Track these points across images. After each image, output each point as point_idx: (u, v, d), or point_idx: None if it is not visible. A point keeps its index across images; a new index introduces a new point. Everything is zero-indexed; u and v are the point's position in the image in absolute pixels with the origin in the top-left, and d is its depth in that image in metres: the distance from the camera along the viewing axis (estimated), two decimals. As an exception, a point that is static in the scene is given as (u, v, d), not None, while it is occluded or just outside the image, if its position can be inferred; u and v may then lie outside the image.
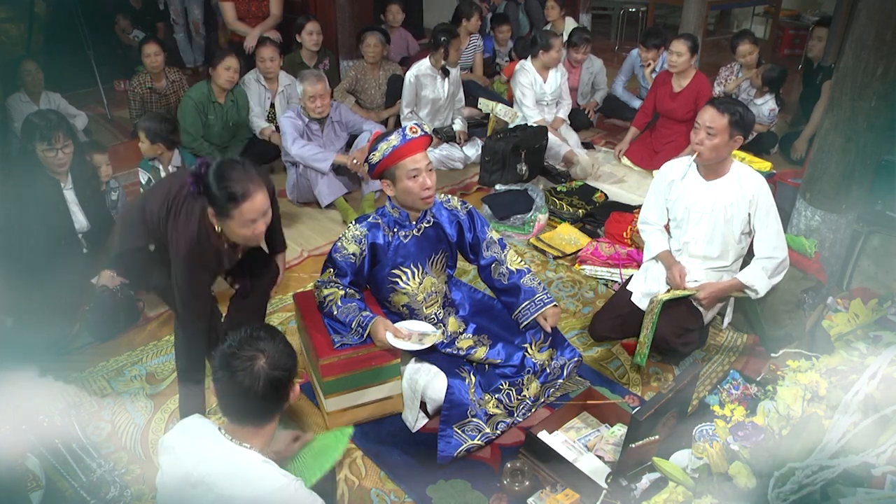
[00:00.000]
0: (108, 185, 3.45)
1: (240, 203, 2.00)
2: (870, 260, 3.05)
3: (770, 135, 4.76)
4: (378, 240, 2.44)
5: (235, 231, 2.09)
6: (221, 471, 1.58)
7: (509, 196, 4.03)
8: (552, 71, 4.72)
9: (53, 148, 2.93)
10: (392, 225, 2.46)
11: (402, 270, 2.50)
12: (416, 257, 2.50)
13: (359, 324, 2.35)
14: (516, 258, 2.64)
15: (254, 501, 1.53)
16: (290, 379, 1.66)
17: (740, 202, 2.67)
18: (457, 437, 2.31)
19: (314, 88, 3.85)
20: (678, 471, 1.99)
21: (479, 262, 2.64)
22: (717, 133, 2.58)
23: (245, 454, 1.60)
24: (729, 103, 2.62)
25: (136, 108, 4.60)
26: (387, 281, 2.51)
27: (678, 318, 2.71)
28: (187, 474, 1.59)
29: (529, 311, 2.54)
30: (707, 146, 2.61)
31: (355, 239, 2.43)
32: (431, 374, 2.41)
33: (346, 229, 2.48)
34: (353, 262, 2.44)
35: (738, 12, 8.42)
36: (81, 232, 3.12)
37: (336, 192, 3.98)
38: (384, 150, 2.33)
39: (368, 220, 2.47)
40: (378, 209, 2.52)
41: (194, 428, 1.67)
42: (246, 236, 2.12)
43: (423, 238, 2.50)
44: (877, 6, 2.54)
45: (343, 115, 4.13)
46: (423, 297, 2.55)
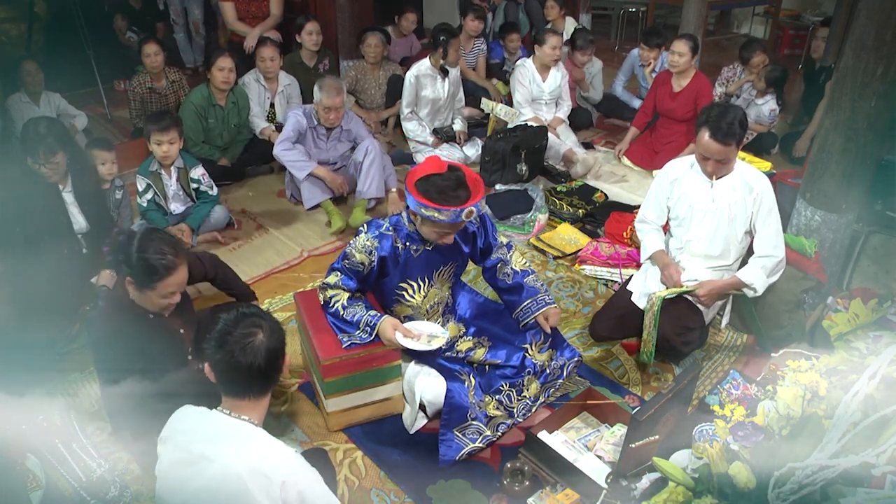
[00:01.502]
0: (113, 184, 3.46)
1: (163, 277, 2.09)
2: (870, 260, 3.05)
3: (770, 135, 4.76)
4: (388, 252, 2.37)
5: (153, 301, 2.16)
6: (222, 442, 1.60)
7: (509, 196, 4.03)
8: (552, 70, 4.72)
9: (37, 162, 2.94)
10: (405, 238, 2.40)
11: (409, 284, 2.46)
12: (424, 271, 2.46)
13: (367, 323, 2.34)
14: (521, 259, 2.63)
15: (256, 468, 1.54)
16: (283, 349, 1.72)
17: (744, 201, 2.68)
18: (458, 441, 2.31)
19: (331, 101, 3.84)
20: (678, 471, 1.99)
21: (485, 264, 2.63)
22: (729, 158, 2.65)
23: (244, 425, 1.64)
24: (725, 128, 2.56)
25: (136, 108, 4.60)
26: (393, 293, 2.48)
27: (679, 318, 2.71)
28: (187, 453, 1.61)
29: (531, 310, 2.54)
30: (722, 171, 2.69)
31: (365, 249, 2.36)
32: (430, 377, 2.40)
33: (356, 236, 2.41)
34: (360, 271, 2.39)
35: (738, 12, 8.42)
36: (80, 232, 3.12)
37: (317, 198, 3.97)
38: (429, 210, 2.18)
39: (381, 231, 2.38)
40: (392, 218, 2.44)
41: (189, 414, 1.70)
42: (161, 306, 2.19)
43: (434, 251, 2.44)
44: (877, 6, 2.54)
45: (353, 127, 4.12)
46: (427, 308, 2.54)
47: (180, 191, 3.63)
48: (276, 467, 1.57)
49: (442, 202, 2.16)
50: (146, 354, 2.15)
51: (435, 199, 2.16)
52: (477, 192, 2.22)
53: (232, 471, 1.54)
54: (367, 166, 3.95)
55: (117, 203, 3.45)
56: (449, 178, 2.21)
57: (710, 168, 2.69)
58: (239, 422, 1.64)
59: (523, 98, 4.71)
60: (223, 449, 1.58)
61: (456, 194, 2.18)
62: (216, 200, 3.74)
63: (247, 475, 1.53)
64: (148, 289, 2.11)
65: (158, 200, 3.56)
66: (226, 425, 1.64)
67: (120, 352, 2.13)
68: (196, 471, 1.59)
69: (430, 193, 2.18)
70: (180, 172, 3.59)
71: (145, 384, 2.11)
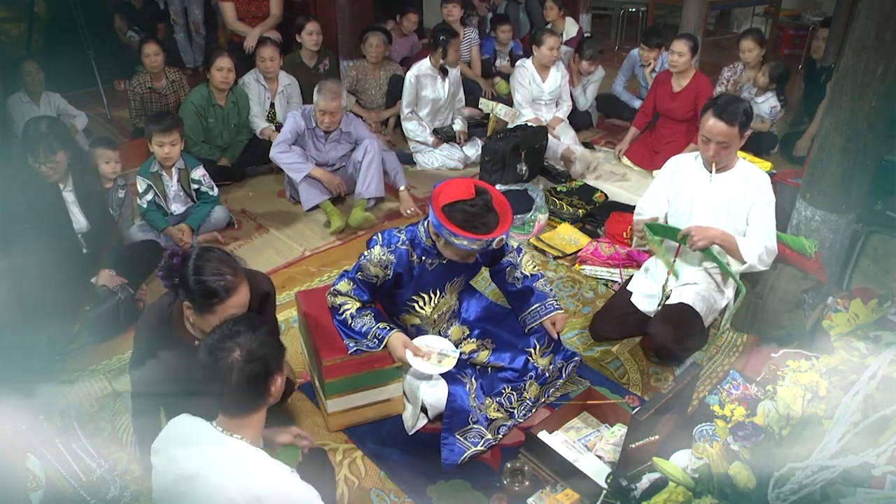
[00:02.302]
0: (116, 183, 3.46)
1: (224, 300, 1.90)
2: (870, 260, 3.05)
3: (770, 136, 4.75)
4: (404, 268, 2.34)
5: (212, 325, 1.88)
6: (216, 462, 1.58)
7: (509, 196, 4.00)
8: (552, 70, 4.72)
9: (37, 161, 2.93)
10: (421, 253, 2.35)
11: (421, 296, 2.45)
12: (438, 283, 2.45)
13: (375, 335, 2.33)
14: (531, 263, 2.62)
15: (249, 491, 1.53)
16: (267, 373, 1.65)
17: (743, 196, 2.68)
18: (460, 445, 2.31)
19: (327, 105, 3.85)
20: (678, 471, 1.99)
21: (495, 268, 2.63)
22: (731, 143, 2.62)
23: (238, 444, 1.61)
24: (732, 110, 2.58)
25: (135, 108, 4.60)
26: (404, 305, 2.47)
27: (678, 325, 2.70)
28: (181, 469, 1.60)
29: (539, 314, 2.53)
30: (723, 155, 2.66)
31: (381, 264, 2.31)
32: (432, 380, 2.40)
33: (372, 248, 2.35)
34: (374, 283, 2.37)
35: (738, 12, 8.42)
36: (81, 232, 3.12)
37: (315, 199, 3.97)
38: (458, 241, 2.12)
39: (398, 245, 2.32)
40: (409, 230, 2.38)
41: (185, 425, 1.68)
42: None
43: (448, 264, 2.41)
44: (877, 6, 2.54)
45: (353, 128, 4.11)
46: (435, 318, 2.53)
47: (181, 191, 3.63)
48: (271, 493, 1.55)
49: (472, 230, 2.11)
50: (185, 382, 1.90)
51: (465, 228, 2.10)
52: (506, 219, 2.17)
53: (225, 495, 1.53)
54: (367, 166, 3.95)
55: (120, 202, 3.45)
56: (477, 204, 2.14)
57: (711, 152, 2.65)
58: (232, 441, 1.61)
59: (523, 98, 4.71)
60: (217, 469, 1.57)
61: (485, 221, 2.13)
62: (216, 201, 3.74)
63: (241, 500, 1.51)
64: (208, 313, 1.92)
65: (159, 201, 3.56)
66: (219, 443, 1.61)
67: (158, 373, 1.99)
68: (192, 488, 1.58)
69: (459, 221, 2.11)
70: (181, 173, 3.59)
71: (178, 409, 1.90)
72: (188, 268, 1.91)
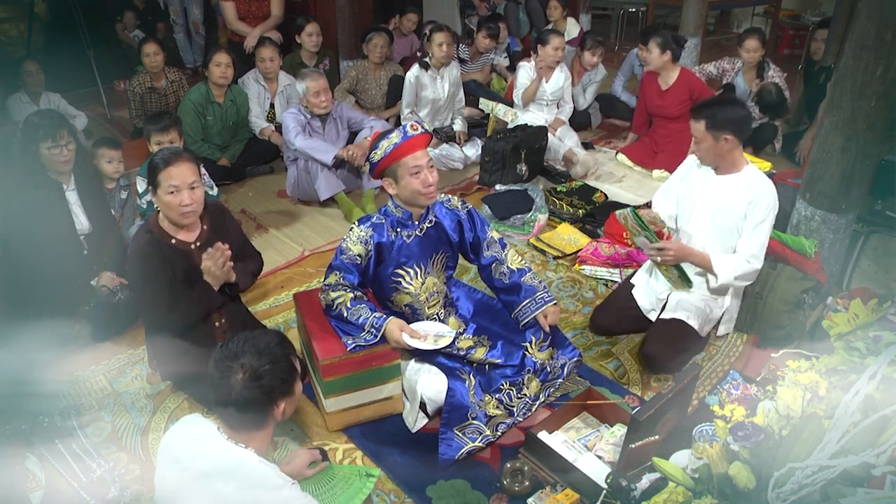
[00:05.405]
0: (119, 184, 3.46)
1: (161, 169, 2.33)
2: (870, 260, 3.06)
3: (770, 126, 4.72)
4: (383, 239, 2.46)
5: (164, 201, 2.35)
6: (219, 468, 1.59)
7: (509, 196, 4.02)
8: (556, 71, 4.71)
9: (58, 145, 2.92)
10: (395, 225, 2.47)
11: (405, 270, 2.50)
12: (419, 257, 2.51)
13: (372, 325, 2.35)
14: (517, 257, 2.64)
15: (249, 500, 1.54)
16: (269, 400, 1.65)
17: (742, 202, 2.67)
18: (458, 440, 2.31)
19: (317, 84, 3.86)
20: (678, 471, 1.99)
21: (480, 262, 2.64)
22: (701, 139, 2.64)
23: (243, 453, 1.62)
24: (702, 107, 2.65)
25: (135, 108, 4.61)
26: (390, 280, 2.51)
27: (672, 342, 2.69)
28: (185, 470, 1.60)
29: (530, 310, 2.54)
30: (700, 151, 2.69)
31: (361, 240, 2.43)
32: (432, 374, 2.41)
33: (349, 231, 2.48)
34: (358, 263, 2.44)
35: (738, 12, 8.43)
36: (83, 234, 3.11)
37: (333, 189, 3.98)
38: (385, 149, 2.35)
39: (372, 221, 2.48)
40: (381, 208, 2.53)
41: (193, 426, 1.68)
42: (173, 207, 2.35)
43: (426, 238, 2.51)
44: (877, 6, 2.54)
45: (345, 112, 4.13)
46: (426, 297, 2.56)
47: (181, 191, 3.63)
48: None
49: (382, 137, 2.40)
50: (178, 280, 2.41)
51: (378, 140, 2.39)
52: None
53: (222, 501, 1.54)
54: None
55: (122, 202, 3.45)
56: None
57: (692, 146, 2.70)
58: (238, 449, 1.62)
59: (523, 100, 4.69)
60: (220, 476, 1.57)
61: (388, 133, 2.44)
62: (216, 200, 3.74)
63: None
64: (157, 187, 2.34)
65: (159, 201, 3.57)
66: (225, 451, 1.62)
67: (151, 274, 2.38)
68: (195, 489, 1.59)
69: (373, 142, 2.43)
70: (181, 173, 3.60)
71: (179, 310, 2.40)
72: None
